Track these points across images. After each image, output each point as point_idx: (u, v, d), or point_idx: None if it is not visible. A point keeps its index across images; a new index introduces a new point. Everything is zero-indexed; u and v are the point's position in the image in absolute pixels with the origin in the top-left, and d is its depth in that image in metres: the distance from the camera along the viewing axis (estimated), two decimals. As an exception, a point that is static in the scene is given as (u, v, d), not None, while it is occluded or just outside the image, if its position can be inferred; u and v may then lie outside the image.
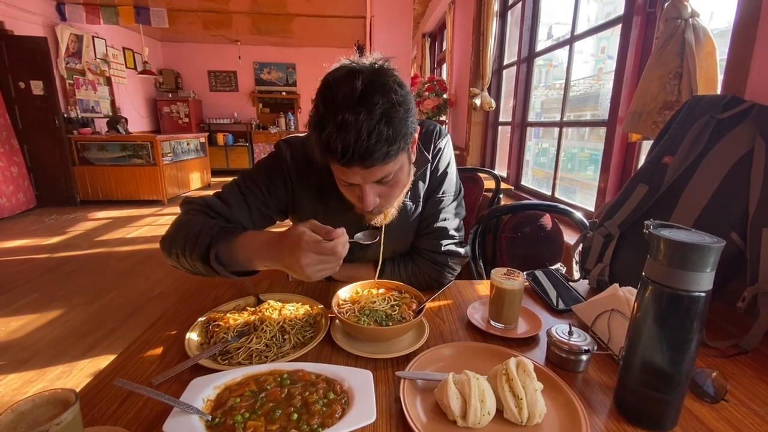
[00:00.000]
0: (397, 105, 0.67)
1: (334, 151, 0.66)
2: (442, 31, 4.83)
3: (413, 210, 0.94)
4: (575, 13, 2.04)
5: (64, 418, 0.38)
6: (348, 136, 0.64)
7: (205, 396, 0.52)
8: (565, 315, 0.83)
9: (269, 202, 0.89)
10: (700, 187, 0.80)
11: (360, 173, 0.71)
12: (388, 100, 0.67)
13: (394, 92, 0.68)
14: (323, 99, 0.68)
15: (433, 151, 0.94)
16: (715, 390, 0.57)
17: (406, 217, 0.93)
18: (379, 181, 0.74)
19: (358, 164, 0.68)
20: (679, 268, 0.47)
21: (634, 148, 1.59)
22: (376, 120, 0.65)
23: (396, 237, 0.94)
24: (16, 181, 4.84)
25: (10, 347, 2.12)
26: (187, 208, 0.85)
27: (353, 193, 0.77)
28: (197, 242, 0.75)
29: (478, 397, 0.51)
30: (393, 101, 0.67)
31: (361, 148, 0.65)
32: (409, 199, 0.92)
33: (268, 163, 0.91)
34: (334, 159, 0.69)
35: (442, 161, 0.96)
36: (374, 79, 0.67)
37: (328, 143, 0.66)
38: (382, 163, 0.69)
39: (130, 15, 5.61)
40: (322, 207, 0.91)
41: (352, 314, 0.72)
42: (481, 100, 2.97)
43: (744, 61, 0.96)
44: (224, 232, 0.76)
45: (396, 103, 0.67)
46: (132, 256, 3.54)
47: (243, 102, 8.84)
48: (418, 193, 0.94)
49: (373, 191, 0.75)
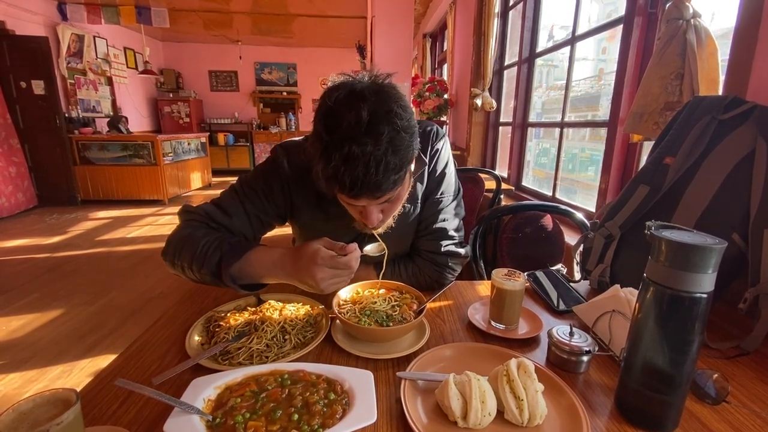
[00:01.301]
0: (402, 132, 0.66)
1: (342, 184, 0.65)
2: (443, 31, 4.83)
3: (411, 211, 0.94)
4: (576, 13, 2.04)
5: (65, 418, 0.38)
6: (356, 170, 0.63)
7: (206, 396, 0.52)
8: (565, 316, 0.83)
9: (268, 209, 0.89)
10: (702, 188, 0.80)
11: (366, 202, 0.71)
12: (393, 128, 0.65)
13: (399, 117, 0.66)
14: (326, 127, 0.65)
15: (431, 153, 0.93)
16: (717, 391, 0.57)
17: (404, 218, 0.92)
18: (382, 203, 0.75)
19: (367, 196, 0.68)
20: (680, 270, 0.47)
21: (635, 149, 1.59)
22: (383, 150, 0.64)
23: (395, 239, 0.93)
24: (16, 180, 4.84)
25: (10, 347, 2.12)
26: (187, 218, 0.85)
27: (356, 210, 0.77)
28: (206, 259, 0.75)
29: (479, 398, 0.51)
30: (398, 128, 0.65)
31: (370, 181, 0.64)
32: (407, 202, 0.91)
33: (266, 169, 0.90)
34: (342, 191, 0.68)
35: (440, 162, 0.95)
36: (378, 106, 0.65)
37: (336, 176, 0.65)
38: (389, 191, 0.69)
39: (132, 15, 5.62)
40: (321, 214, 0.91)
41: (353, 315, 0.72)
42: (482, 101, 2.96)
43: (746, 62, 0.96)
44: (233, 249, 0.75)
45: (401, 129, 0.66)
46: (133, 256, 3.54)
47: (244, 102, 8.85)
48: (416, 194, 0.93)
49: (377, 210, 0.76)
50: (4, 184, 4.66)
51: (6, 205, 4.66)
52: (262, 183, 0.88)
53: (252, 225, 0.88)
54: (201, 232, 0.80)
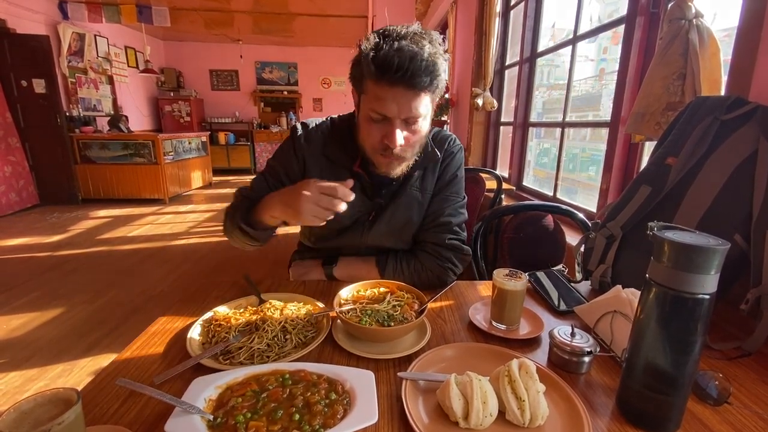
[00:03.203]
0: (442, 53, 0.79)
1: (390, 64, 0.74)
2: (444, 30, 4.82)
3: (419, 196, 0.98)
4: (578, 13, 2.04)
5: (66, 418, 0.38)
6: (405, 55, 0.74)
7: (207, 396, 0.52)
8: (567, 316, 0.83)
9: (285, 182, 0.97)
10: (704, 188, 0.80)
11: (398, 100, 0.78)
12: (436, 48, 0.79)
13: (439, 44, 0.80)
14: (380, 33, 0.79)
15: (446, 152, 1.01)
16: (718, 392, 0.57)
17: (413, 204, 0.98)
18: (406, 122, 0.81)
19: (405, 84, 0.75)
20: (683, 270, 0.47)
21: (637, 149, 1.58)
22: (429, 53, 0.76)
23: (399, 225, 0.98)
24: (16, 179, 4.85)
25: (11, 345, 2.12)
26: (230, 204, 0.98)
27: (379, 132, 0.83)
28: (235, 217, 0.90)
29: (481, 398, 0.51)
30: (440, 51, 0.79)
31: (414, 66, 0.74)
32: (416, 189, 0.98)
33: (284, 145, 1.00)
34: (385, 74, 0.75)
35: (454, 164, 1.02)
36: (422, 35, 0.79)
37: (386, 58, 0.74)
38: (423, 90, 0.77)
39: (132, 14, 5.62)
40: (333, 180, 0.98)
41: (354, 314, 0.72)
42: (483, 100, 2.96)
43: (748, 62, 0.95)
44: (253, 203, 0.89)
45: (442, 52, 0.79)
46: (133, 255, 3.54)
47: (244, 101, 8.85)
48: (426, 185, 0.99)
49: (400, 131, 0.81)
50: (5, 182, 4.67)
51: (7, 203, 4.66)
52: (281, 158, 0.99)
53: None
54: (235, 205, 0.94)
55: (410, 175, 0.96)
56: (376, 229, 0.98)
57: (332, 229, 0.98)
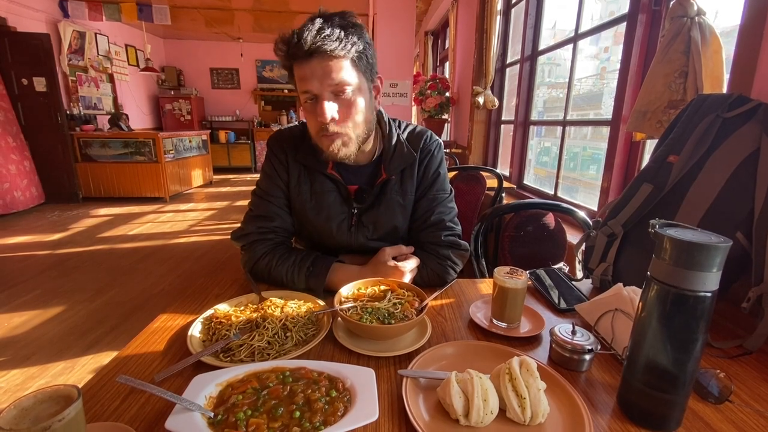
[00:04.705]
0: (355, 23, 0.80)
1: (298, 41, 0.75)
2: (445, 29, 4.81)
3: (400, 200, 0.98)
4: (579, 11, 2.03)
5: (67, 414, 0.38)
6: (311, 28, 0.76)
7: (208, 393, 0.52)
8: (567, 314, 0.83)
9: (287, 196, 0.99)
10: (706, 186, 0.80)
11: (316, 73, 0.78)
12: (348, 20, 0.80)
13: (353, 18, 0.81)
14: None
15: (422, 151, 1.00)
16: (720, 391, 0.57)
17: (392, 203, 0.97)
18: (336, 95, 0.81)
19: (319, 55, 0.76)
20: (685, 268, 0.47)
21: (638, 147, 1.58)
22: (338, 23, 0.78)
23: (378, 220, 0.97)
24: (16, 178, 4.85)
25: (12, 343, 2.13)
26: (248, 245, 0.94)
27: (314, 114, 0.83)
28: (294, 284, 0.88)
29: (481, 396, 0.51)
30: (353, 22, 0.80)
31: (322, 36, 0.75)
32: (396, 193, 0.98)
33: (266, 166, 1.00)
34: (298, 51, 0.77)
35: (433, 162, 1.01)
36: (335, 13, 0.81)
37: (293, 36, 0.77)
38: (339, 57, 0.78)
39: (133, 12, 5.61)
40: (307, 186, 0.98)
41: (355, 312, 0.72)
42: (484, 99, 2.96)
43: (750, 59, 0.95)
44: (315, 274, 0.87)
45: (356, 23, 0.81)
46: (134, 253, 3.55)
47: (245, 99, 8.84)
48: (406, 188, 0.98)
49: (329, 104, 0.81)
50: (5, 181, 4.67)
51: (9, 201, 4.66)
52: (273, 177, 0.98)
53: (288, 215, 0.99)
54: (275, 260, 0.91)
55: (388, 180, 0.96)
56: (362, 236, 0.97)
57: (320, 237, 0.99)
